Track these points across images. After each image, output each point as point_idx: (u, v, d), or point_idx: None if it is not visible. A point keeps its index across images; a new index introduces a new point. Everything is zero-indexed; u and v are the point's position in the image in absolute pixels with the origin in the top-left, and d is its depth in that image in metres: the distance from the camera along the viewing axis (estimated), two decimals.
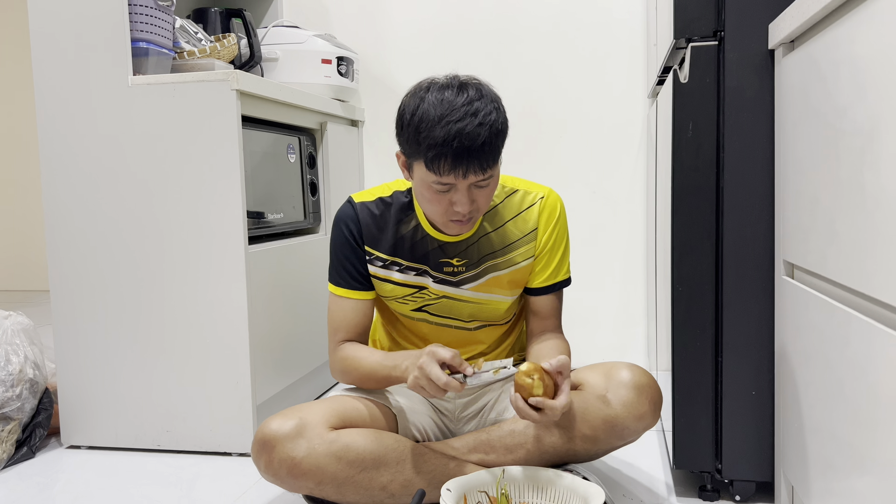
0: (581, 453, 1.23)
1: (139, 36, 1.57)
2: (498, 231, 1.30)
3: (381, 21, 2.30)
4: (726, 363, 1.23)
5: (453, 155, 1.09)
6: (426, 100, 1.12)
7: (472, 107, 1.10)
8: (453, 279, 1.29)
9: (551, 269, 1.32)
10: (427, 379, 1.10)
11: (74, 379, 1.66)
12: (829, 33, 0.89)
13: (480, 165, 1.11)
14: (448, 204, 1.16)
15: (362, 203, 1.31)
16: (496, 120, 1.12)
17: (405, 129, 1.15)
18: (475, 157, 1.10)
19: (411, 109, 1.14)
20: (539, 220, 1.30)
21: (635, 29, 2.14)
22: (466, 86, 1.13)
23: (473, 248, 1.29)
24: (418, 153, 1.13)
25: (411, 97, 1.16)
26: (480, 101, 1.12)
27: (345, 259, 1.30)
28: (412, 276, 1.29)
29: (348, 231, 1.30)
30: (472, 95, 1.12)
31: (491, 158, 1.12)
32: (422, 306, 1.32)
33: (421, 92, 1.15)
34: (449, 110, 1.10)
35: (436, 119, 1.10)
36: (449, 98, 1.11)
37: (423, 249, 1.29)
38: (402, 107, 1.17)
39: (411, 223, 1.29)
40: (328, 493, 1.16)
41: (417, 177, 1.17)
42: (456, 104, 1.10)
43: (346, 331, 1.31)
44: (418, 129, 1.11)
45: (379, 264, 1.30)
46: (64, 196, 1.63)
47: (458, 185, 1.13)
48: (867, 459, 0.77)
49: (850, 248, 0.81)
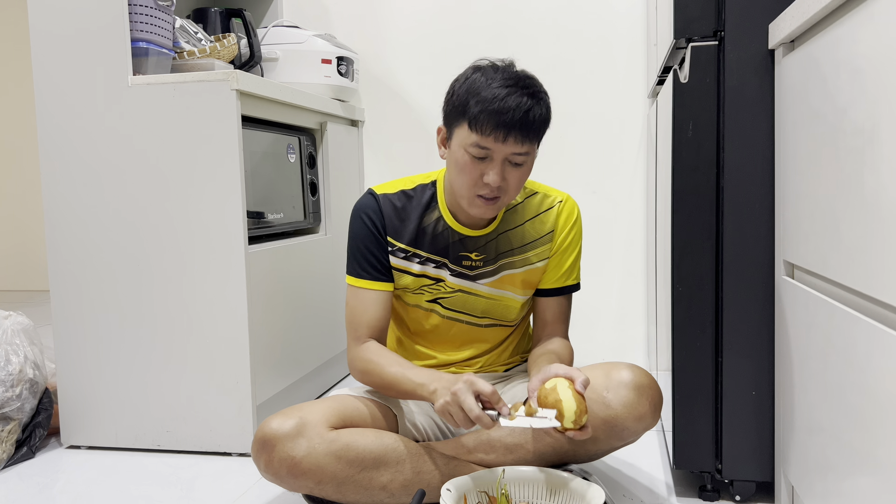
0: (581, 453, 1.23)
1: (139, 36, 1.57)
2: (516, 230, 1.32)
3: (382, 21, 2.30)
4: (726, 363, 1.23)
5: (498, 112, 1.12)
6: (482, 68, 1.19)
7: (523, 81, 1.16)
8: (470, 273, 1.31)
9: (562, 272, 1.34)
10: (458, 407, 1.08)
11: (74, 379, 1.66)
12: (829, 33, 0.89)
13: (522, 133, 1.14)
14: (479, 175, 1.18)
15: (384, 195, 1.32)
16: (545, 101, 1.18)
17: (455, 94, 1.19)
18: (518, 122, 1.13)
19: (465, 77, 1.20)
20: (556, 222, 1.33)
21: (635, 29, 2.14)
22: (522, 71, 1.20)
23: (492, 245, 1.31)
24: (464, 114, 1.16)
25: (465, 72, 1.21)
26: (531, 80, 1.18)
27: (366, 250, 1.30)
28: (431, 268, 1.31)
29: (370, 221, 1.30)
30: (526, 74, 1.19)
31: (534, 131, 1.16)
32: (436, 298, 1.33)
33: (473, 69, 1.20)
34: (503, 77, 1.15)
35: (490, 80, 1.15)
36: (502, 69, 1.17)
37: (444, 242, 1.30)
38: (454, 80, 1.22)
39: (434, 215, 1.30)
40: (328, 492, 1.16)
41: (456, 142, 1.19)
42: (511, 74, 1.17)
43: (368, 325, 1.30)
44: (469, 90, 1.16)
45: (401, 255, 1.31)
46: (64, 196, 1.63)
47: (495, 153, 1.16)
48: (867, 459, 0.77)
49: (850, 248, 0.81)
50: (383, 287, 1.31)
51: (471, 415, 1.06)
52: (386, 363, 1.25)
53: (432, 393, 1.16)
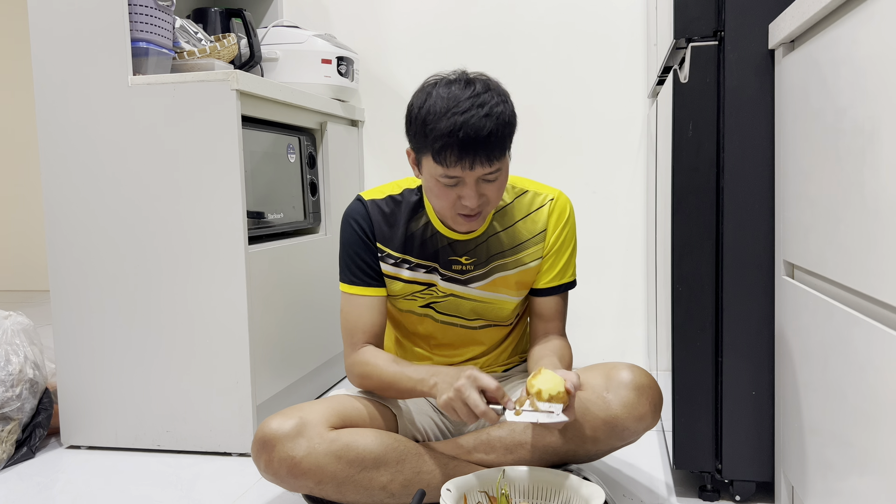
0: (581, 453, 1.23)
1: (139, 36, 1.57)
2: (507, 231, 1.30)
3: (382, 21, 2.30)
4: (726, 363, 1.23)
5: (459, 146, 1.10)
6: (433, 94, 1.14)
7: (478, 99, 1.11)
8: (461, 277, 1.30)
9: (557, 270, 1.32)
10: (463, 403, 1.07)
11: (74, 379, 1.66)
12: (829, 33, 0.89)
13: (487, 157, 1.12)
14: (456, 198, 1.17)
15: (372, 200, 1.32)
16: (503, 112, 1.13)
17: (413, 124, 1.17)
18: (481, 148, 1.10)
19: (419, 104, 1.16)
20: (548, 221, 1.31)
21: (635, 28, 2.14)
22: (473, 81, 1.15)
23: (482, 248, 1.29)
24: (426, 146, 1.14)
25: (419, 92, 1.18)
26: (487, 93, 1.13)
27: (356, 256, 1.30)
28: (421, 273, 1.30)
29: (360, 227, 1.30)
30: (478, 89, 1.13)
31: (498, 150, 1.13)
32: (429, 303, 1.32)
33: (428, 87, 1.17)
34: (455, 103, 1.11)
35: (442, 111, 1.11)
36: (455, 91, 1.13)
37: (433, 247, 1.29)
38: (410, 103, 1.19)
39: (421, 220, 1.29)
40: (328, 492, 1.16)
41: (426, 171, 1.18)
42: (462, 97, 1.12)
43: (364, 332, 1.30)
44: (425, 121, 1.13)
45: (390, 262, 1.30)
46: (64, 196, 1.63)
47: (466, 178, 1.14)
48: (867, 459, 0.77)
49: (850, 247, 0.81)
50: (377, 293, 1.31)
51: (476, 410, 1.06)
52: (383, 364, 1.25)
53: (433, 387, 1.16)
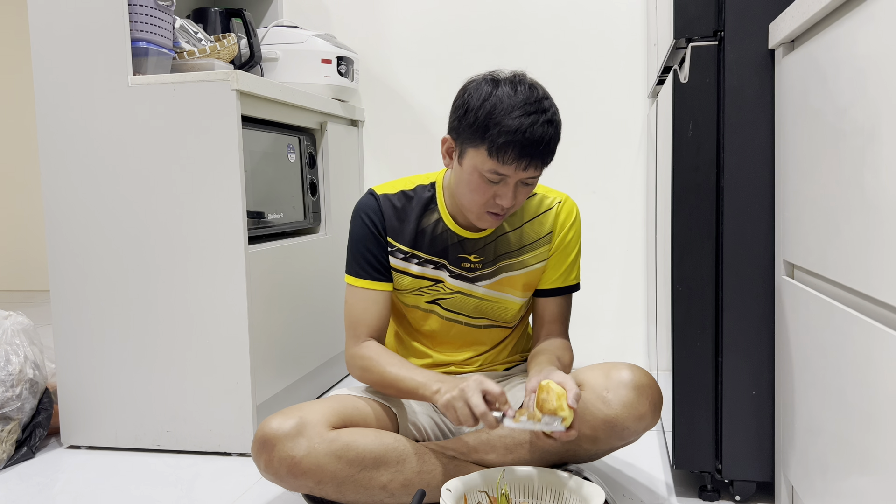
0: (581, 453, 1.23)
1: (139, 36, 1.57)
2: (515, 232, 1.32)
3: (382, 21, 2.30)
4: (726, 363, 1.23)
5: (523, 145, 1.12)
6: (499, 88, 1.16)
7: (542, 104, 1.15)
8: (469, 275, 1.31)
9: (561, 272, 1.34)
10: (464, 403, 1.08)
11: (74, 379, 1.66)
12: (829, 33, 0.89)
13: (542, 161, 1.15)
14: (492, 196, 1.18)
15: (384, 195, 1.32)
16: (560, 122, 1.18)
17: (471, 114, 1.16)
18: (539, 152, 1.14)
19: (482, 96, 1.16)
20: (555, 223, 1.33)
21: (635, 29, 2.14)
22: (535, 85, 1.18)
23: (491, 247, 1.30)
24: (482, 139, 1.14)
25: (480, 84, 1.18)
26: (548, 100, 1.17)
27: (366, 250, 1.30)
28: (430, 269, 1.31)
29: (370, 221, 1.30)
30: (542, 94, 1.16)
31: (549, 157, 1.17)
32: (435, 299, 1.33)
33: (489, 83, 1.17)
34: (524, 102, 1.13)
35: (510, 108, 1.13)
36: (522, 92, 1.15)
37: (443, 244, 1.30)
38: (466, 92, 1.19)
39: (433, 217, 1.30)
40: (328, 492, 1.16)
41: (470, 164, 1.18)
42: (531, 98, 1.14)
43: (367, 325, 1.30)
44: (490, 114, 1.13)
45: (400, 256, 1.31)
46: (64, 196, 1.63)
47: (511, 177, 1.16)
48: (867, 459, 0.77)
49: (850, 248, 0.81)
50: (383, 287, 1.31)
51: (476, 411, 1.07)
52: (386, 362, 1.25)
53: (435, 393, 1.16)
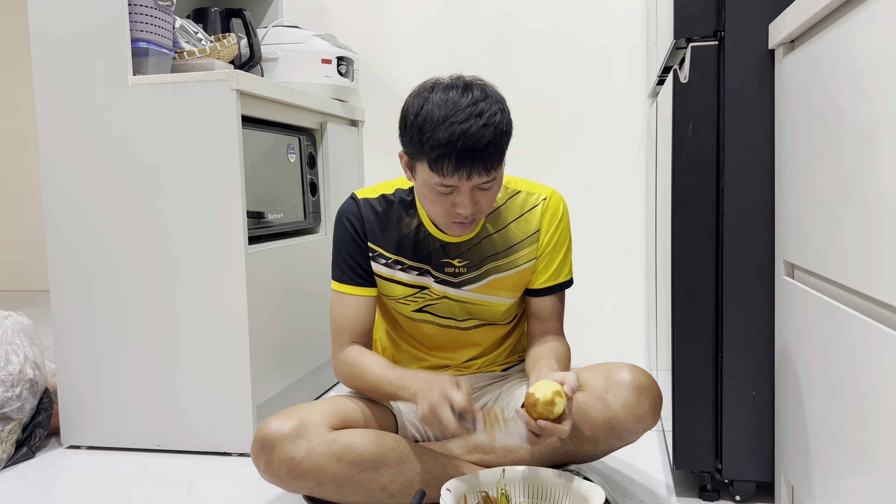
0: (581, 454, 1.23)
1: (139, 36, 1.57)
2: (500, 233, 1.29)
3: (382, 21, 2.30)
4: (726, 363, 1.23)
5: (457, 156, 1.08)
6: (430, 100, 1.11)
7: (476, 107, 1.09)
8: (454, 280, 1.29)
9: (552, 270, 1.31)
10: (437, 419, 1.09)
11: (74, 379, 1.66)
12: (829, 33, 0.89)
13: (485, 167, 1.10)
14: (451, 206, 1.15)
15: (365, 199, 1.30)
16: (501, 121, 1.11)
17: (408, 130, 1.14)
18: (479, 158, 1.09)
19: (415, 110, 1.12)
20: (542, 221, 1.29)
21: (635, 29, 2.14)
22: (471, 86, 1.12)
23: (475, 250, 1.28)
24: (421, 154, 1.12)
25: (415, 97, 1.14)
26: (485, 101, 1.10)
27: (348, 255, 1.29)
28: (414, 275, 1.29)
29: (351, 227, 1.29)
30: (476, 96, 1.10)
31: (495, 160, 1.11)
32: (423, 307, 1.31)
33: (425, 92, 1.13)
34: (453, 111, 1.08)
35: (440, 119, 1.08)
36: (453, 98, 1.10)
37: (426, 249, 1.28)
38: (405, 107, 1.16)
39: (414, 222, 1.28)
40: (328, 493, 1.16)
41: (420, 178, 1.16)
42: (461, 104, 1.09)
43: (350, 330, 1.29)
44: (422, 129, 1.10)
45: (382, 262, 1.29)
46: (64, 196, 1.63)
47: (462, 186, 1.12)
48: (867, 459, 0.77)
49: (850, 247, 0.81)
50: (366, 292, 1.30)
51: (447, 430, 1.07)
52: (368, 367, 1.25)
53: (413, 395, 1.16)
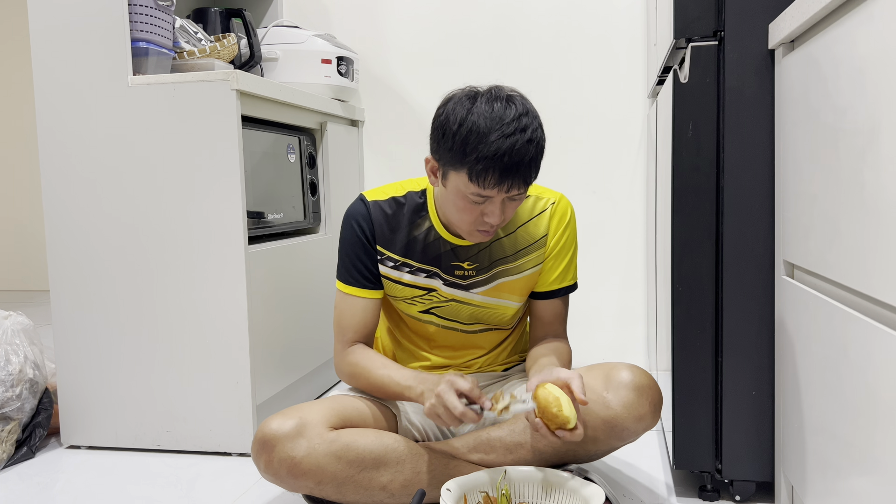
0: (581, 454, 1.23)
1: (139, 36, 1.57)
2: (510, 237, 1.30)
3: (382, 21, 2.30)
4: (726, 363, 1.23)
5: (502, 169, 1.09)
6: (475, 111, 1.11)
7: (520, 122, 1.10)
8: (463, 283, 1.29)
9: (557, 274, 1.32)
10: (444, 408, 1.09)
11: (74, 379, 1.66)
12: (829, 33, 0.89)
13: (524, 181, 1.12)
14: (479, 214, 1.16)
15: (375, 202, 1.30)
16: (542, 137, 1.14)
17: (450, 138, 1.12)
18: (522, 173, 1.11)
19: (458, 119, 1.11)
20: (549, 225, 1.31)
21: (635, 29, 2.14)
22: (513, 99, 1.13)
23: (485, 253, 1.29)
24: (462, 163, 1.11)
25: (456, 105, 1.13)
26: (527, 116, 1.12)
27: (355, 257, 1.29)
28: (423, 277, 1.29)
29: (360, 229, 1.29)
30: (520, 110, 1.11)
31: (534, 174, 1.14)
32: (429, 308, 1.31)
33: (466, 101, 1.13)
34: (500, 124, 1.09)
35: (486, 131, 1.09)
36: (499, 111, 1.10)
37: (435, 251, 1.28)
38: (443, 114, 1.15)
39: (424, 225, 1.28)
40: (328, 492, 1.16)
41: (453, 186, 1.15)
42: (506, 118, 1.10)
43: (355, 330, 1.30)
44: (466, 139, 1.10)
45: (390, 264, 1.29)
46: (64, 196, 1.63)
47: (496, 198, 1.14)
48: (867, 459, 0.77)
49: (850, 247, 0.81)
50: (372, 295, 1.30)
51: (455, 413, 1.07)
52: (373, 366, 1.25)
53: (419, 395, 1.17)
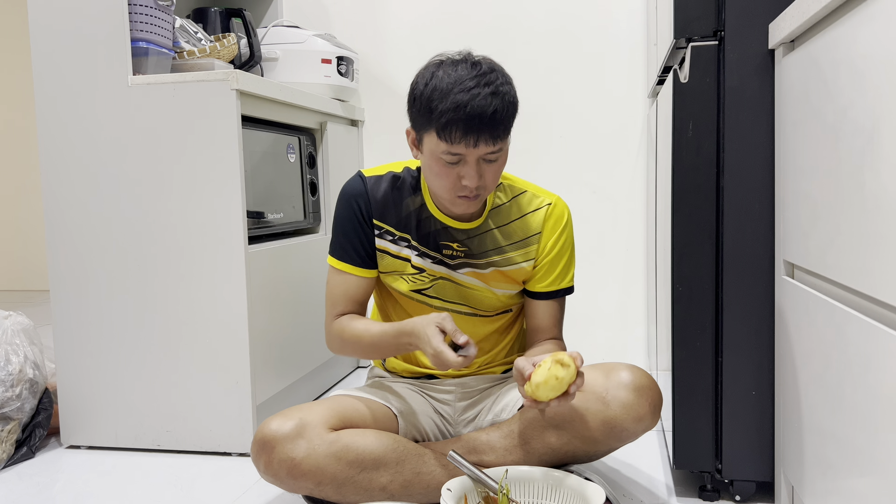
0: (580, 454, 1.23)
1: (139, 36, 1.57)
2: (502, 229, 1.30)
3: (381, 21, 2.30)
4: (726, 363, 1.23)
5: (465, 122, 1.11)
6: (439, 72, 1.15)
7: (484, 78, 1.13)
8: (451, 262, 1.30)
9: (554, 276, 1.32)
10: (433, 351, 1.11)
11: (74, 379, 1.66)
12: (829, 33, 0.89)
13: (492, 135, 1.13)
14: (456, 178, 1.17)
15: (373, 177, 1.32)
16: (508, 92, 1.15)
17: (417, 101, 1.16)
18: (487, 125, 1.12)
19: (424, 81, 1.16)
20: (544, 225, 1.31)
21: (635, 28, 2.14)
22: (479, 61, 1.16)
23: (476, 241, 1.30)
24: (429, 123, 1.14)
25: (423, 71, 1.18)
26: (493, 73, 1.14)
27: (351, 234, 1.30)
28: (415, 256, 1.30)
29: (356, 206, 1.30)
30: (484, 69, 1.14)
31: (502, 129, 1.14)
32: (421, 289, 1.32)
33: (433, 66, 1.17)
34: (465, 78, 1.12)
35: (448, 88, 1.12)
36: (462, 70, 1.14)
37: (427, 229, 1.30)
38: (414, 80, 1.19)
39: (417, 200, 1.30)
40: (328, 493, 1.16)
41: (427, 150, 1.18)
42: (468, 75, 1.13)
43: (346, 303, 1.32)
44: (430, 97, 1.13)
45: (389, 238, 1.30)
46: (64, 196, 1.63)
47: (468, 156, 1.14)
48: (867, 459, 0.77)
49: (850, 247, 0.81)
50: (366, 273, 1.31)
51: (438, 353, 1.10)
52: (365, 327, 1.27)
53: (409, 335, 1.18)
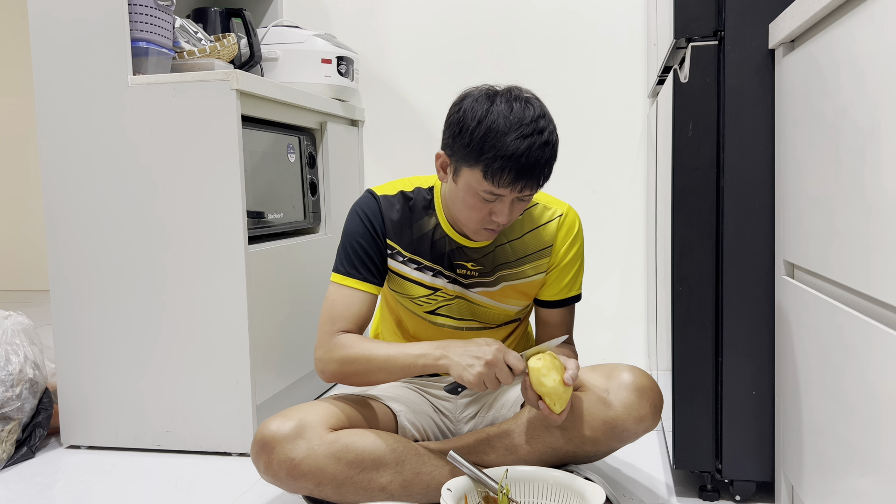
0: (581, 454, 1.23)
1: (139, 36, 1.57)
2: (514, 243, 1.30)
3: (382, 20, 2.30)
4: (726, 363, 1.23)
5: (518, 169, 1.10)
6: (493, 110, 1.12)
7: (538, 124, 1.11)
8: (465, 281, 1.29)
9: (564, 284, 1.33)
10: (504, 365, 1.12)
11: (74, 379, 1.66)
12: (830, 33, 0.89)
13: (537, 182, 1.14)
14: (487, 213, 1.17)
15: (385, 196, 1.30)
16: (556, 141, 1.15)
17: (467, 134, 1.12)
18: (536, 174, 1.12)
19: (476, 116, 1.12)
20: (556, 236, 1.31)
21: (635, 28, 2.14)
22: (531, 101, 1.14)
23: (489, 257, 1.29)
24: (477, 161, 1.12)
25: (475, 102, 1.14)
26: (544, 119, 1.13)
27: (361, 250, 1.27)
28: (429, 276, 1.29)
29: (370, 222, 1.28)
30: (538, 112, 1.13)
31: (547, 177, 1.15)
32: (435, 309, 1.31)
33: (484, 100, 1.14)
34: (518, 125, 1.10)
35: (505, 130, 1.10)
36: (518, 112, 1.11)
37: (441, 249, 1.28)
38: (461, 110, 1.15)
39: (431, 222, 1.28)
40: (328, 493, 1.16)
41: (464, 182, 1.16)
42: (525, 119, 1.11)
43: (347, 322, 1.26)
44: (485, 137, 1.10)
45: (400, 259, 1.29)
46: (64, 196, 1.63)
47: (507, 197, 1.14)
48: (867, 459, 0.77)
49: (850, 247, 0.81)
50: (371, 289, 1.28)
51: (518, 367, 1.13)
52: (372, 345, 1.21)
53: (437, 360, 1.15)
